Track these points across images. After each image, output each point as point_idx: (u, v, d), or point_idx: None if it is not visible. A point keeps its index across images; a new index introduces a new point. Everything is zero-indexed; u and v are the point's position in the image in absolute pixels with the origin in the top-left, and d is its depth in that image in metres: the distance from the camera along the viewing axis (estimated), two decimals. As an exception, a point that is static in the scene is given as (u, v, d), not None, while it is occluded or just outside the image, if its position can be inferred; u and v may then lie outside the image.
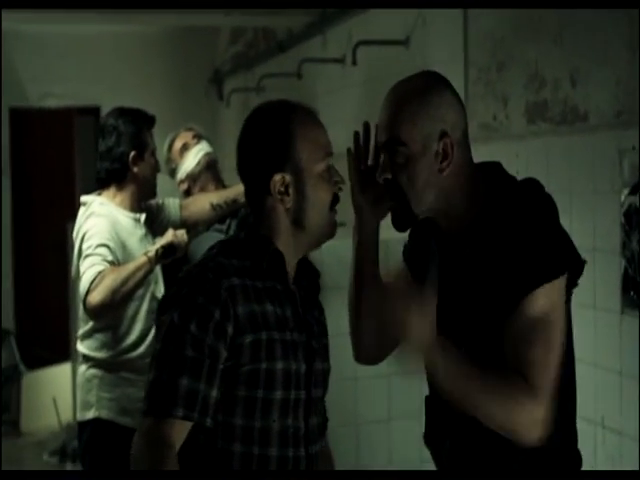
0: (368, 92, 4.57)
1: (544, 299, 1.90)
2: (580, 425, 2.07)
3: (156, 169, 3.34)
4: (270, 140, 1.87)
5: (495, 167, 2.04)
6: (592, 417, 2.93)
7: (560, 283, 1.91)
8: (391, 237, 2.14)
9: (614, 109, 2.88)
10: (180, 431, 1.74)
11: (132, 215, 3.28)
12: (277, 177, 1.86)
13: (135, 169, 3.25)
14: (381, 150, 1.94)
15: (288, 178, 1.85)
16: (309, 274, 1.98)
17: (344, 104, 4.84)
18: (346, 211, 4.85)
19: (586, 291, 2.86)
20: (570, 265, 1.93)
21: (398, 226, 1.99)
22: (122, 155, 3.23)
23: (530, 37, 3.26)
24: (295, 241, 1.90)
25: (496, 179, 2.00)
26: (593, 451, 2.93)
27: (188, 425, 1.75)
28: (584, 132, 3.01)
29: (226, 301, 1.77)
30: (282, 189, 1.86)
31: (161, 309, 1.84)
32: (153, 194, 3.37)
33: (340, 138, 4.65)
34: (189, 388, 1.73)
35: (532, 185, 1.99)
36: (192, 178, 3.59)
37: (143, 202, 3.35)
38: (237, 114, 6.71)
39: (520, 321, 1.88)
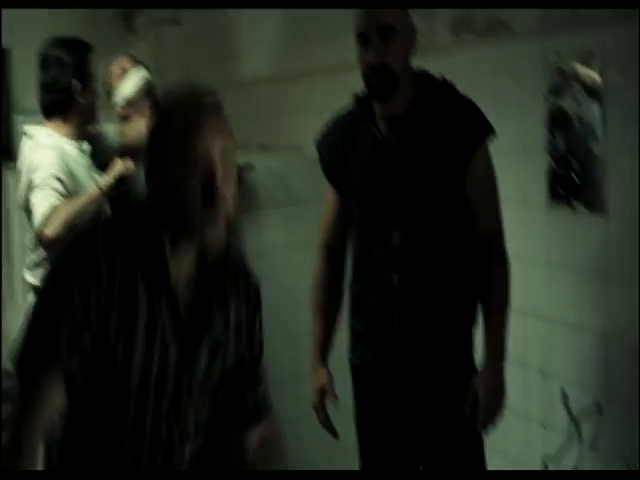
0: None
1: (488, 155, 2.42)
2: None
3: (97, 96, 3.36)
4: None
5: None
6: (521, 307, 2.98)
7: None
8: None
9: (537, 16, 3.01)
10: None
11: (78, 145, 3.31)
12: None
13: (80, 99, 3.28)
14: (375, 35, 2.33)
15: None
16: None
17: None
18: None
19: (515, 188, 3.06)
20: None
21: (385, 99, 2.39)
22: (68, 86, 3.26)
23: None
24: None
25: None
26: (523, 340, 3.09)
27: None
28: (510, 41, 3.13)
29: None
30: None
31: None
32: (95, 121, 3.39)
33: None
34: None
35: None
36: (131, 104, 3.57)
37: (84, 130, 3.36)
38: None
39: (477, 179, 2.40)
